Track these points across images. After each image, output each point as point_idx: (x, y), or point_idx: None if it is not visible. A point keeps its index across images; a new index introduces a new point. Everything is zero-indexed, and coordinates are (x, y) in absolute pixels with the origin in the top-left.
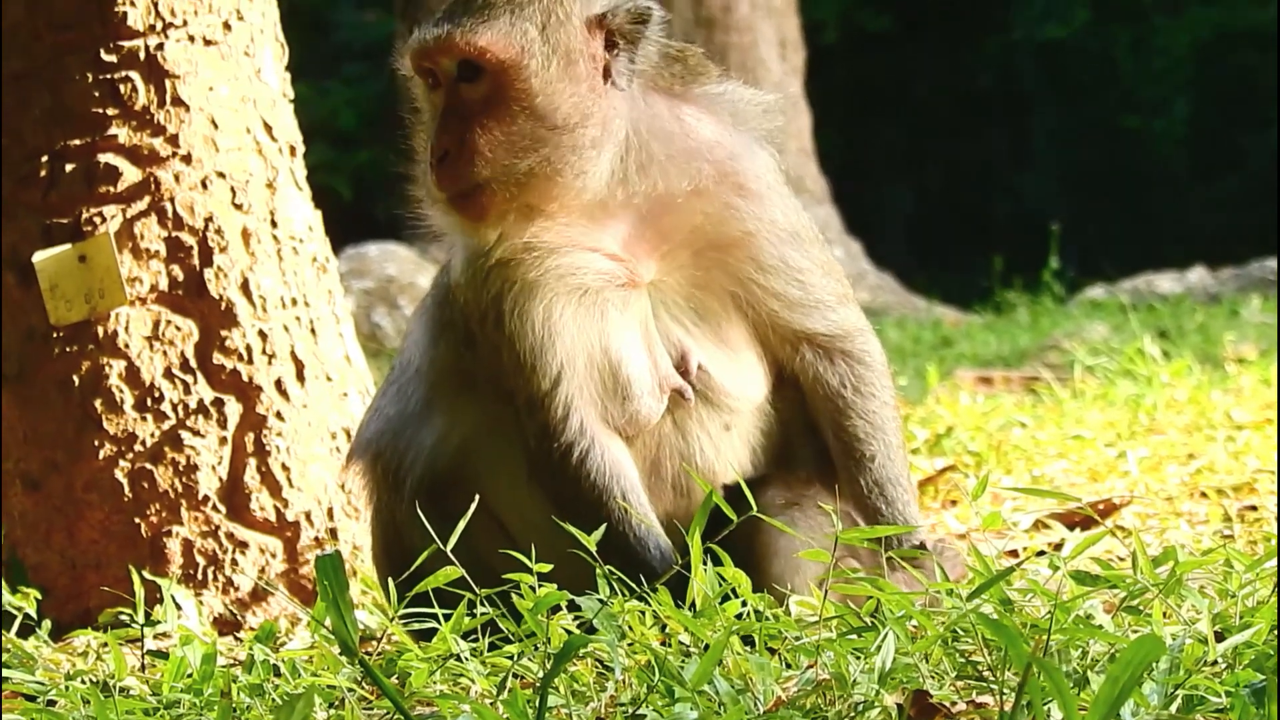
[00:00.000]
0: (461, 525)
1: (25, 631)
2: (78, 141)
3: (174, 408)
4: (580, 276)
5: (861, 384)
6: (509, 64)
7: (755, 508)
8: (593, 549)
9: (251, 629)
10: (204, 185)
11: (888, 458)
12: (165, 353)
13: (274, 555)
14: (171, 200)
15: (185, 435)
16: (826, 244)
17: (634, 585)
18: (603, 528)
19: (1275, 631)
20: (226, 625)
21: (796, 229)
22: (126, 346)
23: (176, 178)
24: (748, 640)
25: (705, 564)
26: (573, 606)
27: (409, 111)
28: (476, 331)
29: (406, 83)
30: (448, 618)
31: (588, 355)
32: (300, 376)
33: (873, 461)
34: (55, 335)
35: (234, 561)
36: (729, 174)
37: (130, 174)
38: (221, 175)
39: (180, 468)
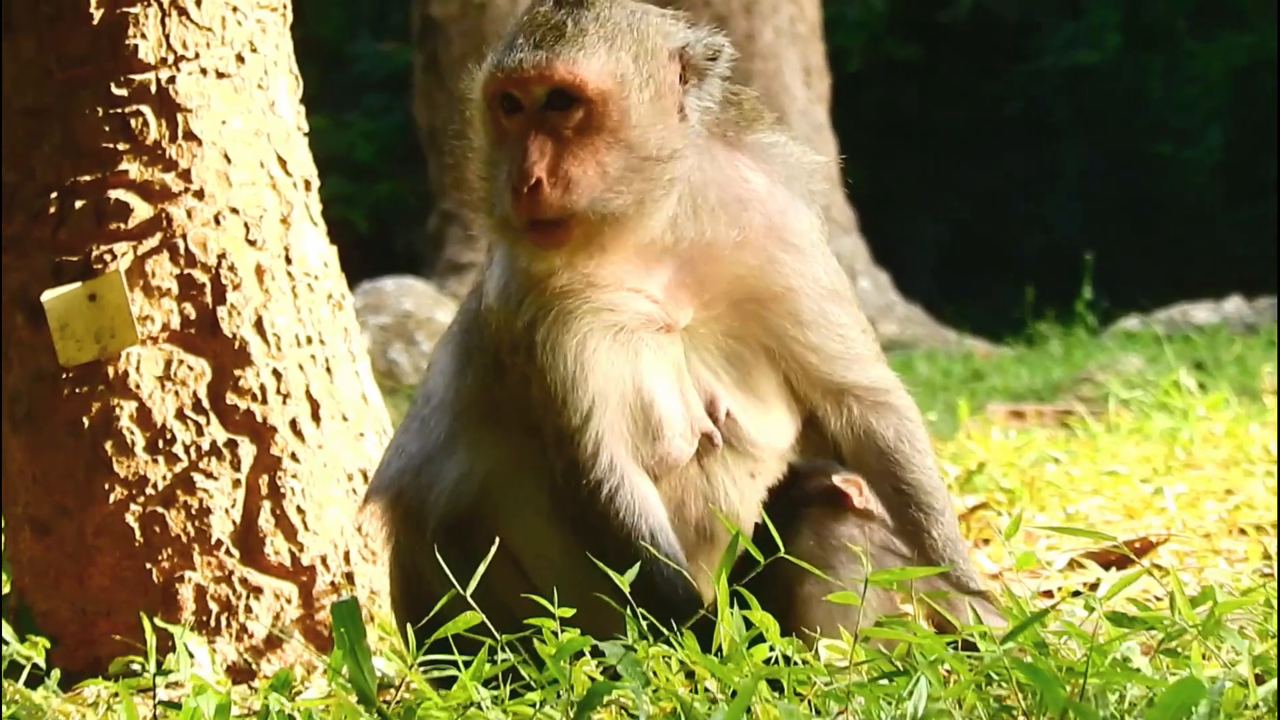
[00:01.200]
0: (483, 568)
1: (34, 681)
2: (88, 177)
3: (186, 449)
4: (617, 315)
5: (915, 440)
6: (607, 94)
7: (783, 548)
8: (624, 589)
9: (266, 677)
10: (217, 221)
11: (951, 514)
12: (177, 393)
13: (289, 601)
14: (183, 237)
15: (198, 478)
16: (858, 299)
17: (660, 628)
18: (636, 567)
19: None
20: (241, 674)
21: (837, 287)
22: (138, 387)
23: (189, 213)
24: (776, 686)
25: (732, 607)
26: (596, 652)
27: (459, 136)
28: (507, 360)
29: (462, 104)
30: (468, 664)
31: (620, 393)
32: (315, 416)
33: (942, 516)
34: (65, 376)
35: (248, 608)
36: (776, 227)
37: (141, 210)
38: (235, 211)
39: (193, 511)
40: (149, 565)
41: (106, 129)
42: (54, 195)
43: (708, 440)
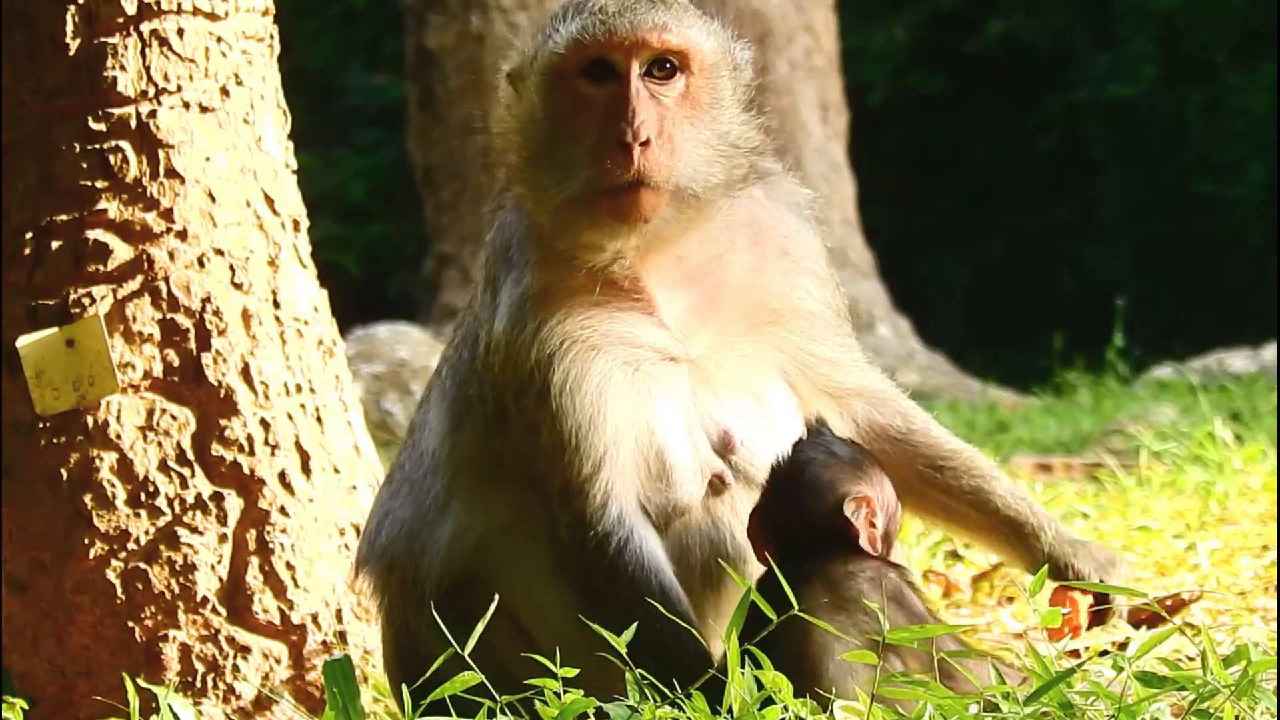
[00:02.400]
0: (482, 625)
1: None
2: (65, 217)
3: (170, 503)
4: (632, 350)
5: (927, 419)
6: (710, 68)
7: (797, 606)
8: (623, 650)
9: None
10: (201, 263)
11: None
12: (160, 444)
13: (278, 660)
14: (166, 279)
15: (182, 532)
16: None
17: (666, 690)
18: (633, 627)
19: None
20: None
21: (843, 305)
22: (119, 437)
23: (171, 255)
24: None
25: (743, 667)
26: (600, 714)
27: (520, 115)
28: (512, 406)
29: (511, 82)
30: None
31: (634, 438)
32: (306, 469)
33: (995, 470)
34: (42, 426)
35: (235, 667)
36: (789, 251)
37: (121, 251)
38: (220, 252)
39: (177, 567)
40: (131, 624)
41: (84, 165)
42: (29, 235)
43: (718, 481)
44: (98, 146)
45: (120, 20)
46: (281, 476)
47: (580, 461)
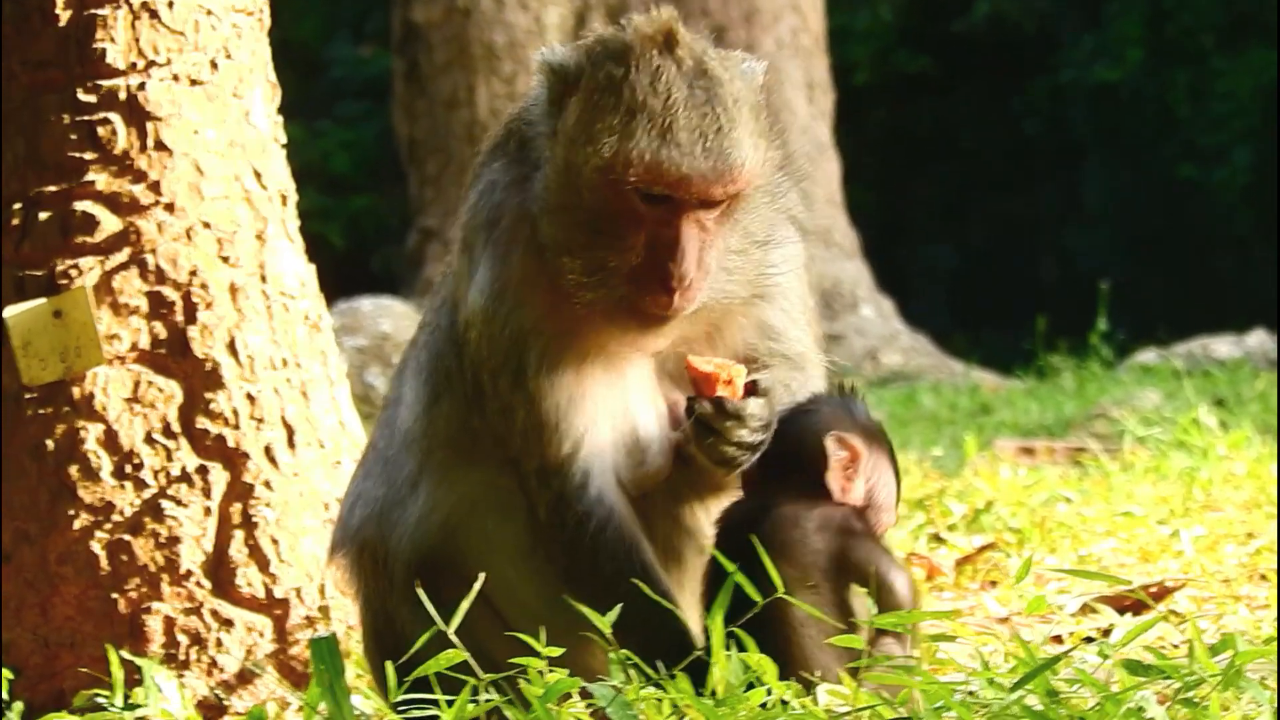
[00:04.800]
0: (466, 604)
1: None
2: (53, 188)
3: (155, 475)
4: (604, 334)
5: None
6: (757, 189)
7: (782, 589)
8: (606, 630)
9: (238, 713)
10: (188, 236)
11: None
12: (146, 416)
13: (262, 634)
14: (153, 252)
15: (167, 505)
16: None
17: (649, 670)
18: (618, 607)
19: None
20: (211, 709)
21: (809, 303)
22: (104, 409)
23: (159, 228)
24: None
25: (728, 648)
26: (584, 693)
27: (578, 219)
28: (487, 385)
29: (570, 171)
30: (449, 706)
31: (611, 418)
32: (291, 443)
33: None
34: (28, 397)
35: (219, 641)
36: (765, 264)
37: (109, 223)
38: (207, 225)
39: (161, 540)
40: (115, 595)
41: (73, 137)
42: (17, 207)
43: (679, 456)
44: (86, 118)
45: None
46: (267, 451)
47: (559, 441)
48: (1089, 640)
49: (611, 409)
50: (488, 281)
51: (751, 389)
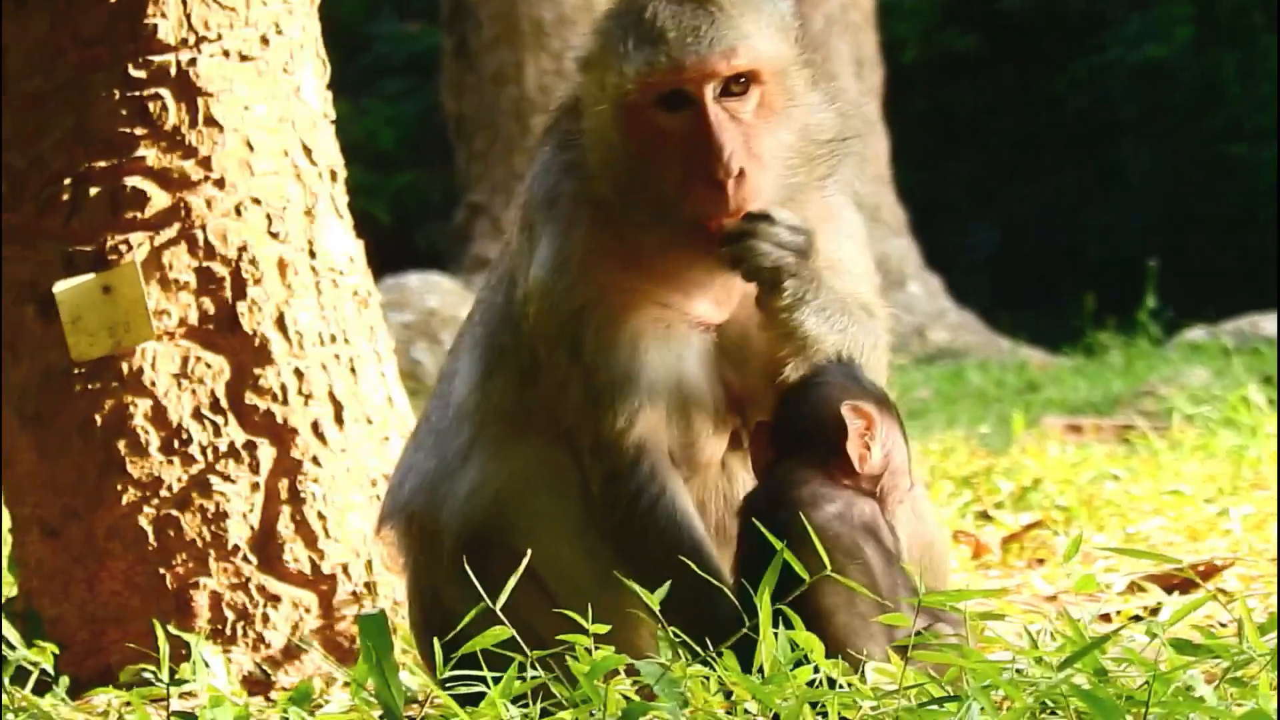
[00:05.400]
0: (513, 581)
1: (41, 688)
2: (103, 164)
3: (203, 451)
4: (663, 311)
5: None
6: (780, 72)
7: (829, 566)
8: (655, 607)
9: (284, 689)
10: (238, 212)
11: None
12: (194, 391)
13: (308, 610)
14: (203, 228)
15: (215, 480)
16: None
17: (697, 647)
18: (667, 584)
19: None
20: (257, 685)
21: (869, 257)
22: (153, 384)
23: (208, 203)
24: (818, 709)
25: (775, 626)
26: (631, 671)
27: (623, 164)
28: (544, 358)
29: (600, 108)
30: (494, 682)
31: (667, 394)
32: (339, 419)
33: None
34: (77, 372)
35: (265, 616)
36: (833, 219)
37: (159, 199)
38: (257, 201)
39: (209, 515)
40: (162, 571)
41: (123, 113)
42: (66, 182)
43: (734, 438)
44: (137, 94)
45: None
46: (314, 426)
47: (615, 416)
48: (1137, 619)
49: (667, 386)
50: (548, 256)
51: None
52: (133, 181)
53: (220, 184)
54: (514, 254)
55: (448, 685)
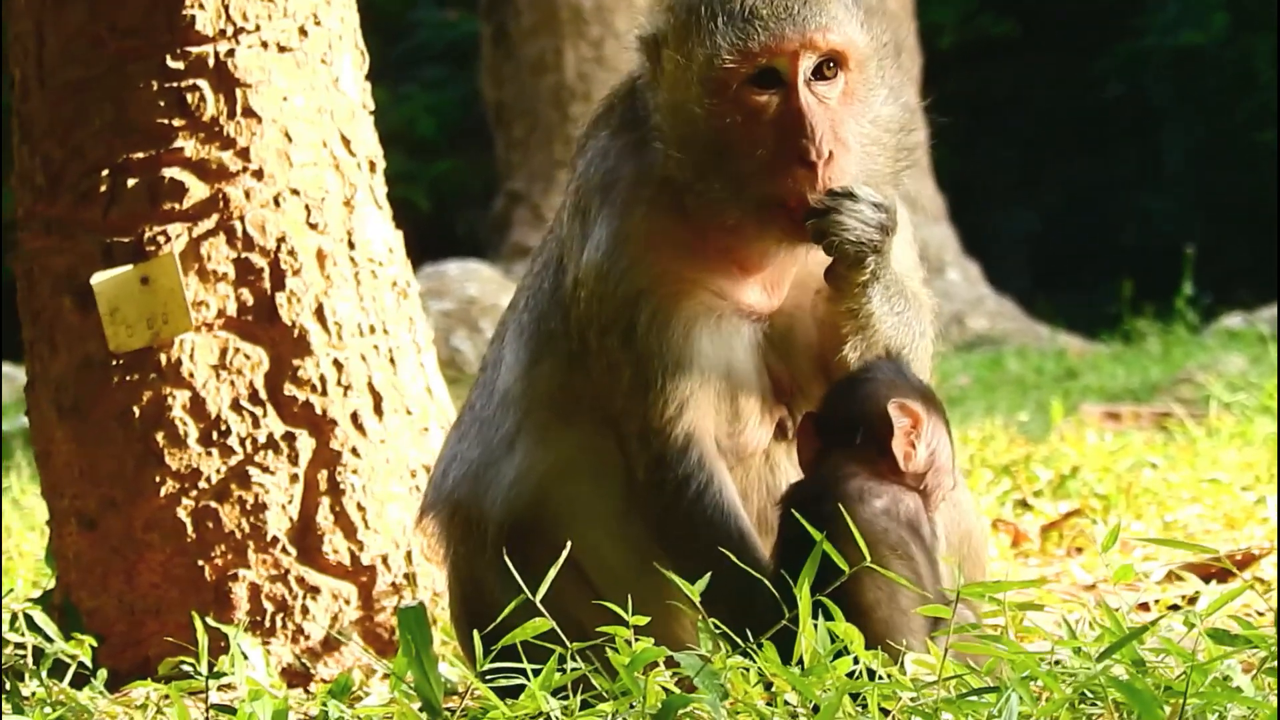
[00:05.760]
0: (553, 572)
1: (80, 681)
2: (141, 155)
3: (241, 442)
4: (716, 300)
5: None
6: (865, 60)
7: (869, 558)
8: (695, 598)
9: (324, 681)
10: (276, 203)
11: None
12: (233, 383)
13: (348, 602)
14: (241, 219)
15: (253, 472)
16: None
17: (737, 638)
18: (708, 575)
19: None
20: (296, 677)
21: (926, 299)
22: (191, 376)
23: (247, 194)
24: (859, 700)
25: (815, 617)
26: (670, 662)
27: (703, 142)
28: (594, 343)
29: (685, 86)
30: (535, 674)
31: (716, 383)
32: (378, 410)
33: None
34: (115, 363)
35: (305, 608)
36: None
37: (197, 190)
38: (295, 192)
39: (248, 507)
40: (201, 562)
41: (161, 104)
42: (104, 173)
43: (779, 428)
44: (175, 85)
45: None
46: (354, 417)
47: (665, 403)
48: (1174, 608)
49: (717, 375)
50: (606, 238)
51: None
52: (171, 173)
53: (259, 175)
54: (564, 239)
55: (488, 677)
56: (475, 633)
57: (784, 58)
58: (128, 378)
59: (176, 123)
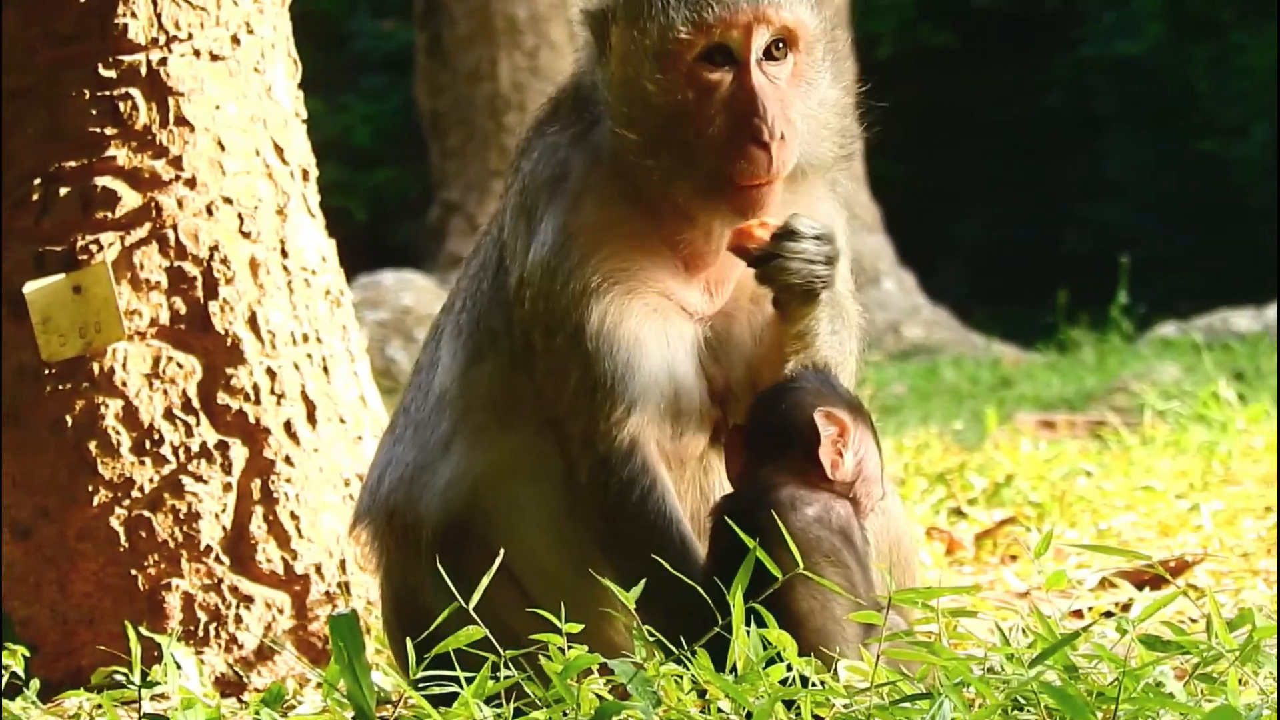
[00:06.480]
0: (486, 580)
1: (12, 691)
2: (74, 163)
3: (175, 451)
4: (663, 300)
5: None
6: (814, 42)
7: (801, 564)
8: (631, 605)
9: (257, 690)
10: (209, 211)
11: None
12: (166, 392)
13: (281, 611)
14: (174, 227)
15: (186, 481)
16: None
17: (674, 645)
18: (643, 581)
19: None
20: (230, 686)
21: (853, 311)
22: (124, 385)
23: (179, 203)
24: (792, 707)
25: (749, 625)
26: (605, 669)
27: (654, 119)
28: (539, 344)
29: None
30: (468, 682)
31: (661, 386)
32: (311, 418)
33: None
34: (48, 372)
35: (238, 617)
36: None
37: (130, 198)
38: (228, 201)
39: (181, 516)
40: (134, 572)
41: (94, 112)
42: (37, 182)
43: (715, 431)
44: (108, 93)
45: None
46: (287, 426)
47: (611, 406)
48: (1108, 615)
49: (662, 379)
50: (554, 232)
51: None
52: (103, 181)
53: (191, 183)
54: (505, 240)
55: (421, 685)
56: (408, 641)
57: (737, 31)
58: (60, 387)
59: (109, 131)
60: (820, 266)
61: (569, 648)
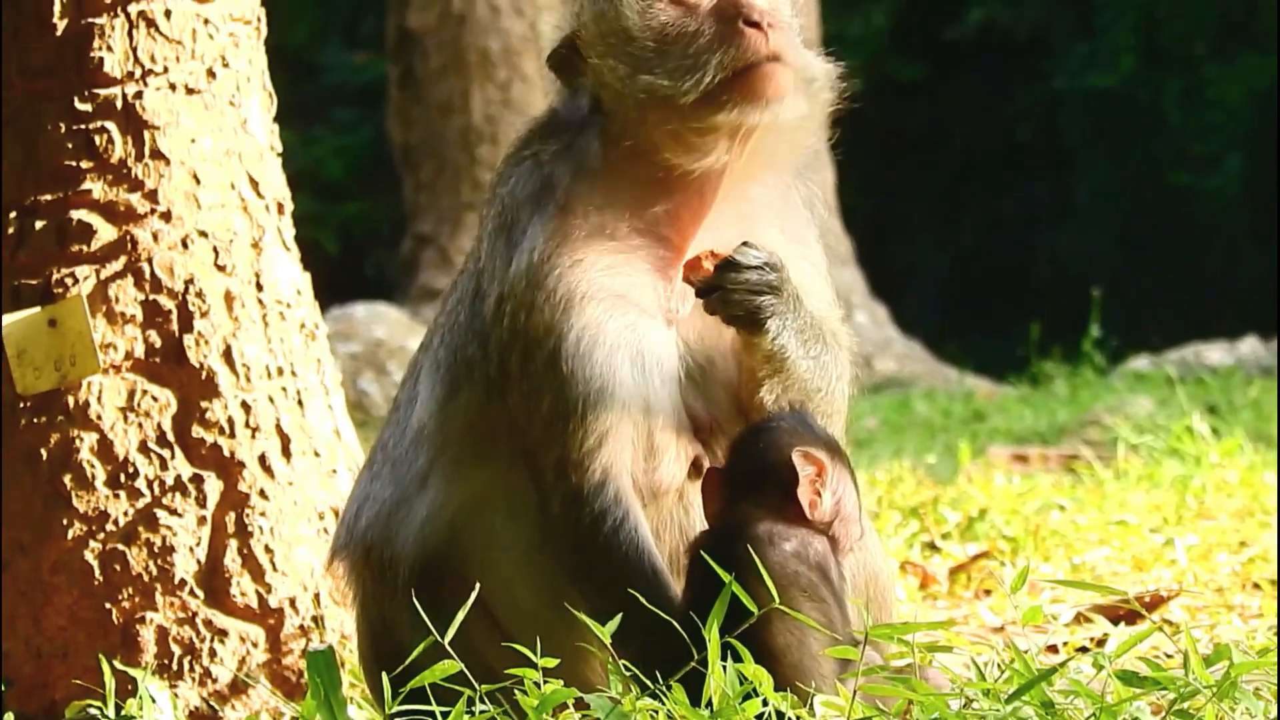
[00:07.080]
0: (462, 614)
1: None
2: (49, 197)
3: (149, 484)
4: (641, 317)
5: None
6: None
7: (778, 599)
8: (606, 639)
9: None
10: (184, 245)
11: None
12: (141, 425)
13: (255, 644)
14: (149, 260)
15: (161, 514)
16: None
17: (648, 679)
18: (619, 616)
19: None
20: None
21: (839, 323)
22: (99, 418)
23: (155, 236)
24: None
25: (725, 659)
26: (580, 704)
27: (643, 46)
28: (515, 368)
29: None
30: (444, 717)
31: (635, 416)
32: (286, 452)
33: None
34: (22, 405)
35: (212, 651)
36: (803, 243)
37: (105, 232)
38: (203, 234)
39: (155, 549)
40: (109, 605)
41: (69, 146)
42: (12, 215)
43: (694, 466)
44: (83, 127)
45: (108, 1)
46: (262, 459)
47: (584, 434)
48: (1083, 650)
49: (636, 409)
50: (541, 240)
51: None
52: (79, 214)
53: (167, 217)
54: (484, 262)
55: (399, 719)
56: (384, 675)
57: None
58: (35, 420)
59: (85, 164)
60: (765, 296)
61: (545, 682)
